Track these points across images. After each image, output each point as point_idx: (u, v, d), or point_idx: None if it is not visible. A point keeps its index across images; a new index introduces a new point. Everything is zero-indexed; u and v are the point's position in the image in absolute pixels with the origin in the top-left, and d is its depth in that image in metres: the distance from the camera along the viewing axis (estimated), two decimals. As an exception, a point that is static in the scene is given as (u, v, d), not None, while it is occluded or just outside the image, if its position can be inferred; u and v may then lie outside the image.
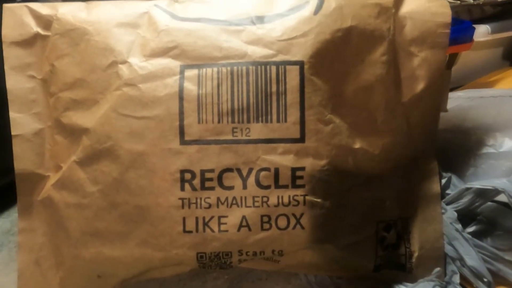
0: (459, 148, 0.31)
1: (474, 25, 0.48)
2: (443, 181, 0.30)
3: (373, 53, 0.26)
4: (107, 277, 0.27)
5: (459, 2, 0.48)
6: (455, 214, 0.28)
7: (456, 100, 0.36)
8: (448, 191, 0.29)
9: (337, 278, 0.28)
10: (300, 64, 0.25)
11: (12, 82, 0.26)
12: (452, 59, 0.48)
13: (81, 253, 0.26)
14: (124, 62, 0.25)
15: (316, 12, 0.26)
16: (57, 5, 0.27)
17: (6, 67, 0.26)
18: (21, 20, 0.27)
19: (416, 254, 0.28)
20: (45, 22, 0.27)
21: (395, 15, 0.27)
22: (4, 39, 0.26)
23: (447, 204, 0.28)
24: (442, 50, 0.27)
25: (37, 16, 0.27)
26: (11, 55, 0.27)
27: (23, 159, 0.27)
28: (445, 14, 0.27)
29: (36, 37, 0.27)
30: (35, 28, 0.27)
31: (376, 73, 0.27)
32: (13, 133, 0.26)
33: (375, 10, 0.26)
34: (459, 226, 0.27)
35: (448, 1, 0.48)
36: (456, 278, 0.27)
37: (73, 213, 0.26)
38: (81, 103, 0.26)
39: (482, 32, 0.48)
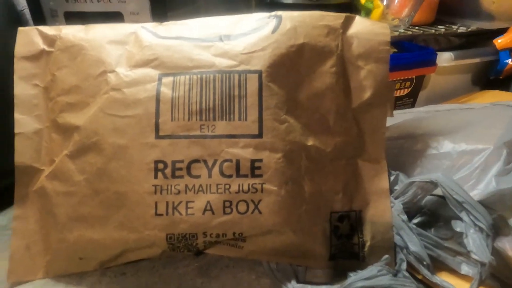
0: (409, 151, 0.35)
1: (439, 52, 0.54)
2: (392, 178, 0.33)
3: (323, 65, 0.31)
4: (88, 259, 0.30)
5: (422, 31, 0.53)
6: (401, 206, 0.31)
7: (415, 114, 0.40)
8: (396, 187, 0.32)
9: (297, 266, 0.31)
10: (259, 72, 0.30)
11: (19, 89, 0.31)
12: (419, 81, 0.54)
13: (66, 237, 0.30)
14: (112, 71, 0.30)
15: (274, 31, 0.31)
16: (61, 27, 0.33)
17: (15, 77, 0.31)
18: (31, 39, 0.32)
19: (368, 244, 0.31)
20: (50, 40, 0.32)
21: (343, 35, 0.32)
22: (16, 54, 0.32)
23: (395, 198, 0.32)
24: (385, 64, 0.32)
25: (44, 36, 0.32)
26: (20, 68, 0.32)
27: (22, 154, 0.31)
28: (385, 34, 0.32)
29: (42, 53, 0.32)
30: (42, 45, 0.32)
31: (326, 82, 0.31)
32: (16, 131, 0.31)
33: (325, 31, 0.32)
34: (404, 217, 0.30)
35: (412, 30, 0.54)
36: (404, 265, 0.30)
37: (61, 200, 0.30)
38: (75, 105, 0.31)
39: (446, 58, 0.53)
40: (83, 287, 0.30)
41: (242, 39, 0.31)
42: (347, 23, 0.33)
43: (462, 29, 0.56)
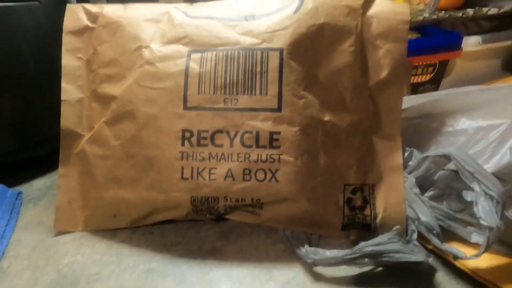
0: (425, 130, 0.35)
1: (465, 36, 0.53)
2: (406, 154, 0.34)
3: (342, 44, 0.32)
4: (121, 216, 0.34)
5: (448, 15, 0.53)
6: (413, 179, 0.32)
7: (434, 96, 0.41)
8: (410, 163, 0.33)
9: (310, 234, 0.33)
10: (280, 50, 0.31)
11: (66, 60, 0.35)
12: (443, 67, 0.53)
13: (102, 195, 0.33)
14: (147, 46, 0.33)
15: (296, 11, 0.32)
16: (103, 5, 0.36)
17: (63, 49, 0.35)
18: (77, 15, 0.36)
19: (380, 216, 0.32)
20: (93, 17, 0.35)
21: (363, 15, 0.33)
22: (64, 29, 0.35)
23: (409, 173, 0.33)
24: (403, 43, 0.33)
25: (88, 13, 0.36)
26: (67, 41, 0.35)
27: (67, 119, 0.35)
28: (405, 13, 0.33)
29: (86, 28, 0.35)
30: (86, 21, 0.35)
31: (345, 60, 0.32)
32: (62, 98, 0.35)
33: (345, 11, 0.33)
34: (417, 190, 0.31)
35: (438, 15, 0.54)
36: (414, 236, 0.31)
37: (99, 162, 0.33)
38: (113, 77, 0.34)
39: (472, 42, 0.52)
40: (115, 241, 0.33)
41: (265, 19, 0.33)
42: (367, 4, 0.34)
43: (493, 10, 0.54)
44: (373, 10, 0.33)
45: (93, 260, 0.31)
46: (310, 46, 0.32)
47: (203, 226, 0.35)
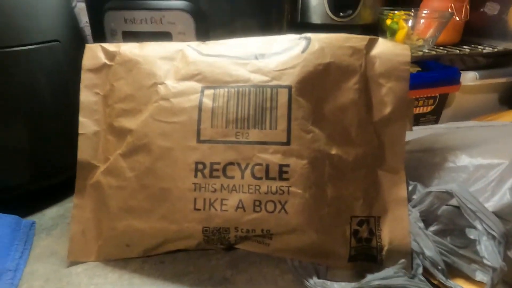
0: (427, 164, 0.37)
1: (463, 72, 0.55)
2: (410, 188, 0.35)
3: (347, 82, 0.34)
4: (133, 246, 0.35)
5: (446, 51, 0.55)
6: (418, 214, 0.33)
7: (435, 130, 0.42)
8: (413, 196, 0.35)
9: (317, 265, 0.34)
10: (289, 87, 0.33)
11: (84, 96, 0.37)
12: (443, 99, 0.56)
13: (116, 225, 0.34)
14: (162, 83, 0.35)
15: (303, 51, 0.35)
16: (120, 44, 0.38)
17: (81, 86, 0.37)
18: (95, 54, 0.38)
19: (386, 248, 0.33)
20: (111, 55, 0.38)
21: (367, 55, 0.35)
22: (83, 66, 0.37)
23: (413, 206, 0.34)
24: (405, 82, 0.35)
25: (106, 52, 0.38)
26: (86, 78, 0.37)
27: (84, 151, 0.36)
28: (405, 55, 0.35)
29: (103, 65, 0.38)
30: (104, 59, 0.38)
31: (350, 97, 0.34)
32: (79, 131, 0.36)
33: (350, 51, 0.35)
34: (421, 225, 0.33)
35: (437, 50, 0.56)
36: (420, 270, 0.32)
37: (114, 193, 0.34)
38: (129, 111, 0.35)
39: (470, 77, 0.55)
40: (127, 271, 0.34)
41: (275, 58, 0.35)
42: (370, 45, 0.36)
43: (488, 50, 0.58)
44: (376, 51, 0.36)
45: (105, 291, 0.32)
46: (317, 84, 0.34)
47: (213, 255, 0.36)
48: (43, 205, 0.44)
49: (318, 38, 0.35)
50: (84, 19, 0.48)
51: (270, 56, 0.35)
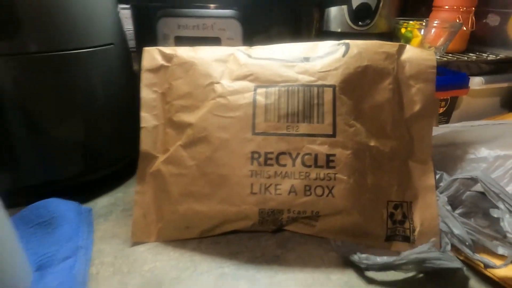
0: (450, 156, 0.42)
1: (471, 77, 0.61)
2: (437, 176, 0.40)
3: (382, 83, 0.39)
4: (192, 227, 0.38)
5: (455, 58, 0.61)
6: (446, 199, 0.37)
7: (452, 128, 0.47)
8: (440, 184, 0.39)
9: (357, 244, 0.38)
10: (333, 87, 0.38)
11: (144, 93, 0.41)
12: (453, 102, 0.61)
13: (177, 209, 0.38)
14: (218, 82, 0.39)
15: (344, 55, 0.39)
16: (176, 48, 0.42)
17: (141, 84, 0.41)
18: (153, 56, 0.42)
19: (418, 229, 0.38)
20: (168, 57, 0.42)
21: (398, 59, 0.40)
22: (142, 67, 0.41)
23: (440, 193, 0.38)
24: (432, 83, 0.40)
25: (163, 54, 0.42)
26: (145, 77, 0.41)
27: (145, 143, 0.40)
28: (432, 60, 0.40)
29: (161, 66, 0.42)
30: (161, 61, 0.42)
31: (385, 96, 0.39)
32: (141, 125, 0.40)
33: (384, 56, 0.40)
34: (449, 208, 0.37)
35: (447, 57, 0.62)
36: (448, 247, 0.36)
37: (175, 180, 0.38)
38: (188, 107, 0.39)
39: (477, 82, 0.60)
40: (187, 250, 0.38)
41: (319, 61, 0.39)
42: (400, 50, 0.41)
43: (491, 57, 0.63)
44: (405, 56, 0.40)
45: (170, 266, 0.36)
46: (356, 84, 0.38)
47: (262, 237, 0.40)
48: (94, 195, 0.47)
49: (356, 44, 0.40)
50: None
51: (314, 60, 0.40)
